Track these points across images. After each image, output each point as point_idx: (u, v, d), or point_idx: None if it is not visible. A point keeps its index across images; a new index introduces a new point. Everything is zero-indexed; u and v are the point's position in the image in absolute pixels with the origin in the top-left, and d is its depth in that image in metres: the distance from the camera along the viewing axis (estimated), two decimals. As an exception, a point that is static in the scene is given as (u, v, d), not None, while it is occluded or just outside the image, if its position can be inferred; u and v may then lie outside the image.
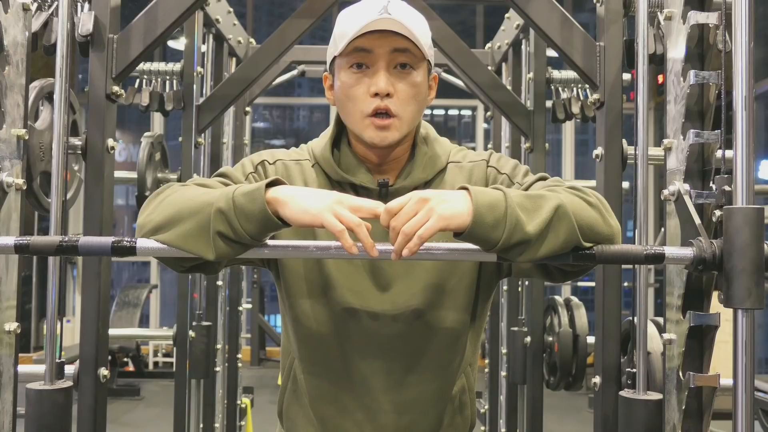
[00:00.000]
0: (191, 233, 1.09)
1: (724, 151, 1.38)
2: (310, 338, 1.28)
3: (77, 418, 1.79)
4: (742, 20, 1.21)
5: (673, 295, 1.65)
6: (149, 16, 1.91)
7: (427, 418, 1.29)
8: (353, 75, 1.20)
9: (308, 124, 9.52)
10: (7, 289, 1.64)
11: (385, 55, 1.19)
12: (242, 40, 3.34)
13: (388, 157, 1.26)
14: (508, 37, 3.25)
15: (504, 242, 1.04)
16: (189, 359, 2.85)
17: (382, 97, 1.18)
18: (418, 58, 1.21)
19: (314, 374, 1.29)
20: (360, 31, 1.16)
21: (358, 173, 1.26)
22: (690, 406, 1.60)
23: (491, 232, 1.04)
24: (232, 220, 1.06)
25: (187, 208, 1.10)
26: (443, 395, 1.29)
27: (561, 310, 3.19)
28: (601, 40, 1.91)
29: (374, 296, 1.24)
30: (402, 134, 1.21)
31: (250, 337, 7.45)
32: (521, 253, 1.06)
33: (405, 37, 1.18)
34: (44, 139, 1.88)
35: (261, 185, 1.07)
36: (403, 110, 1.20)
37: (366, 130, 1.20)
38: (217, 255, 1.09)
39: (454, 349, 1.28)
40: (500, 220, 1.04)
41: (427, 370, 1.27)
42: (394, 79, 1.19)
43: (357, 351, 1.26)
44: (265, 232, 1.09)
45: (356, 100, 1.20)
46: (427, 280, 1.25)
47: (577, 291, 7.54)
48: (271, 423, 1.50)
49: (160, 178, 3.03)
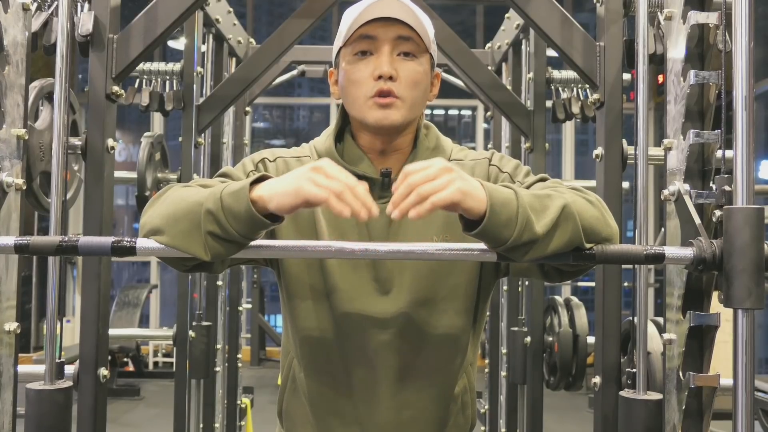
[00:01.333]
0: (185, 234, 1.09)
1: (724, 151, 1.38)
2: (310, 338, 1.28)
3: (77, 418, 1.79)
4: (742, 20, 1.21)
5: (673, 295, 1.65)
6: (149, 16, 1.91)
7: (430, 418, 1.29)
8: (358, 61, 1.22)
9: (308, 124, 9.52)
10: (7, 289, 1.64)
11: (389, 41, 1.21)
12: (242, 40, 3.34)
13: (391, 146, 1.26)
14: (508, 37, 3.25)
15: (513, 241, 1.04)
16: (189, 359, 2.85)
17: (385, 80, 1.20)
18: (421, 48, 1.23)
19: (314, 374, 1.29)
20: (363, 18, 1.19)
21: (361, 164, 1.26)
22: (690, 406, 1.60)
23: (503, 230, 1.03)
24: (221, 220, 1.06)
25: (181, 209, 1.10)
26: (445, 395, 1.29)
27: (561, 310, 3.19)
28: (601, 40, 1.91)
29: (375, 297, 1.24)
30: (404, 117, 1.22)
31: (250, 337, 7.45)
32: (527, 253, 1.06)
33: (409, 26, 1.20)
34: (44, 139, 1.88)
35: (245, 183, 1.06)
36: (406, 93, 1.21)
37: (369, 111, 1.21)
38: (212, 255, 1.09)
39: (455, 350, 1.28)
40: (512, 219, 1.03)
41: (429, 370, 1.27)
42: (398, 64, 1.21)
43: (357, 352, 1.26)
44: (254, 230, 1.08)
45: (360, 84, 1.22)
46: (429, 280, 1.25)
47: (577, 291, 7.53)
48: (271, 423, 1.50)
49: (160, 178, 3.03)
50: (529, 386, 2.90)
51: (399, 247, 1.16)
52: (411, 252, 1.16)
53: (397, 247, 1.16)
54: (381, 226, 1.24)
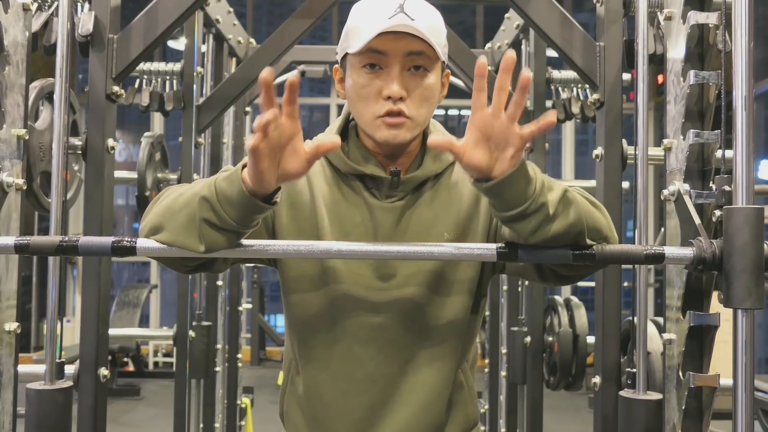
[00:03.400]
0: (183, 226, 1.09)
1: (724, 151, 1.38)
2: (309, 330, 1.27)
3: (77, 418, 1.79)
4: (742, 20, 1.21)
5: (673, 295, 1.65)
6: (149, 16, 1.91)
7: (428, 414, 1.28)
8: (366, 75, 1.18)
9: (308, 124, 9.51)
10: (7, 289, 1.64)
11: (399, 58, 1.17)
12: (242, 40, 3.34)
13: (398, 152, 1.25)
14: (508, 37, 3.25)
15: (528, 205, 1.04)
16: (189, 359, 2.85)
17: (395, 101, 1.17)
18: (433, 59, 1.19)
19: (312, 369, 1.28)
20: (375, 33, 1.14)
21: (368, 164, 1.25)
22: (690, 406, 1.60)
23: (526, 187, 1.03)
24: (215, 206, 1.06)
25: (179, 203, 1.11)
26: (443, 391, 1.29)
27: (561, 310, 3.19)
28: (601, 40, 1.91)
29: (376, 288, 1.24)
30: (413, 135, 1.21)
31: (250, 337, 7.45)
32: (537, 228, 1.06)
33: (420, 38, 1.16)
34: (44, 139, 1.88)
35: (238, 167, 1.05)
36: (416, 112, 1.19)
37: (378, 130, 1.19)
38: (207, 246, 1.08)
39: (454, 344, 1.28)
40: (532, 181, 1.04)
41: (428, 363, 1.27)
42: (408, 81, 1.18)
43: (357, 343, 1.25)
44: (248, 214, 1.07)
45: (368, 101, 1.19)
46: (431, 272, 1.25)
47: (577, 291, 7.53)
48: (271, 423, 1.50)
49: (160, 178, 3.03)
50: (529, 386, 2.90)
51: (399, 248, 1.16)
52: (411, 252, 1.16)
53: (397, 248, 1.16)
54: (389, 224, 1.24)
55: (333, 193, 1.26)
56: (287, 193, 1.25)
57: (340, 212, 1.25)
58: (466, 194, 1.27)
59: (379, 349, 1.25)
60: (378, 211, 1.24)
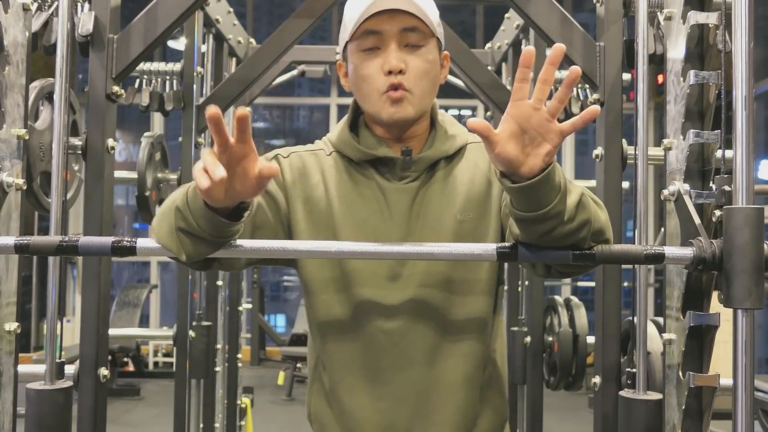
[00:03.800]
0: (166, 234, 1.11)
1: (724, 151, 1.38)
2: (332, 331, 1.28)
3: (77, 418, 1.79)
4: (742, 20, 1.21)
5: (673, 295, 1.65)
6: (149, 16, 1.91)
7: (455, 409, 1.27)
8: (366, 58, 1.22)
9: (308, 124, 9.51)
10: (7, 289, 1.64)
11: (394, 35, 1.21)
12: (242, 40, 3.34)
13: (407, 134, 1.27)
14: (508, 37, 3.25)
15: (552, 206, 1.02)
16: (189, 359, 2.85)
17: (395, 74, 1.20)
18: (427, 35, 1.23)
19: (338, 368, 1.29)
20: (367, 12, 1.19)
21: (380, 148, 1.27)
22: (690, 406, 1.60)
23: (550, 192, 1.01)
24: (187, 217, 1.06)
25: (164, 210, 1.13)
26: (471, 385, 1.28)
27: (561, 310, 3.19)
28: (601, 40, 1.91)
29: (395, 286, 1.25)
30: (416, 110, 1.23)
31: (250, 337, 7.45)
32: (548, 232, 1.05)
33: (413, 15, 1.19)
34: (44, 139, 1.88)
35: None
36: (415, 86, 1.22)
37: (383, 107, 1.22)
38: (187, 254, 1.09)
39: (479, 337, 1.28)
40: (558, 184, 1.02)
41: (453, 359, 1.26)
42: (405, 56, 1.21)
43: (380, 342, 1.25)
44: (215, 226, 1.05)
45: (370, 80, 1.22)
46: (450, 268, 1.25)
47: (577, 291, 7.54)
48: (271, 423, 1.50)
49: (160, 178, 3.03)
50: (529, 386, 2.90)
51: (406, 249, 1.18)
52: (417, 253, 1.17)
53: (404, 248, 1.18)
54: (403, 205, 1.25)
55: (346, 183, 1.27)
56: (302, 189, 1.28)
57: (354, 200, 1.26)
58: (479, 175, 1.28)
59: (403, 346, 1.25)
60: (392, 193, 1.25)
